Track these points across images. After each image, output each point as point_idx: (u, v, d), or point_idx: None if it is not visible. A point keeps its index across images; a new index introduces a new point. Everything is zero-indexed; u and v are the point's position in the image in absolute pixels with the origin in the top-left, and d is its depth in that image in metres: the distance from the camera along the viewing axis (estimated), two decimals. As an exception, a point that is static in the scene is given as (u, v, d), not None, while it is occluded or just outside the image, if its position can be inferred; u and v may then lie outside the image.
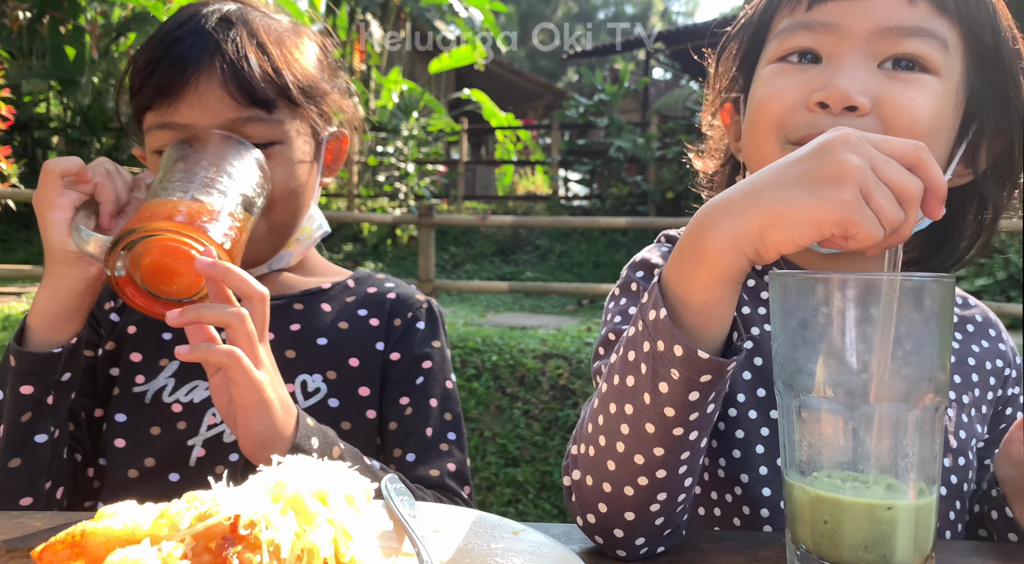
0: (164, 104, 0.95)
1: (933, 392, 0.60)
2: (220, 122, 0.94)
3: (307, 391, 1.01)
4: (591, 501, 0.70)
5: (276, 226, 1.01)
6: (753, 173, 0.90)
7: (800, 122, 0.82)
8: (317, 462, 0.55)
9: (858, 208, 0.57)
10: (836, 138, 0.59)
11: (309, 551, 0.48)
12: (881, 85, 0.79)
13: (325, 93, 1.05)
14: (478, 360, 4.84)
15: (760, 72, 0.88)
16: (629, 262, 0.98)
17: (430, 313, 1.11)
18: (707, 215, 0.64)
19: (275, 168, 0.97)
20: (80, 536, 0.53)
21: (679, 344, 0.63)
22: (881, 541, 0.60)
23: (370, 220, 8.21)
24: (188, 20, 0.99)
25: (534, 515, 3.98)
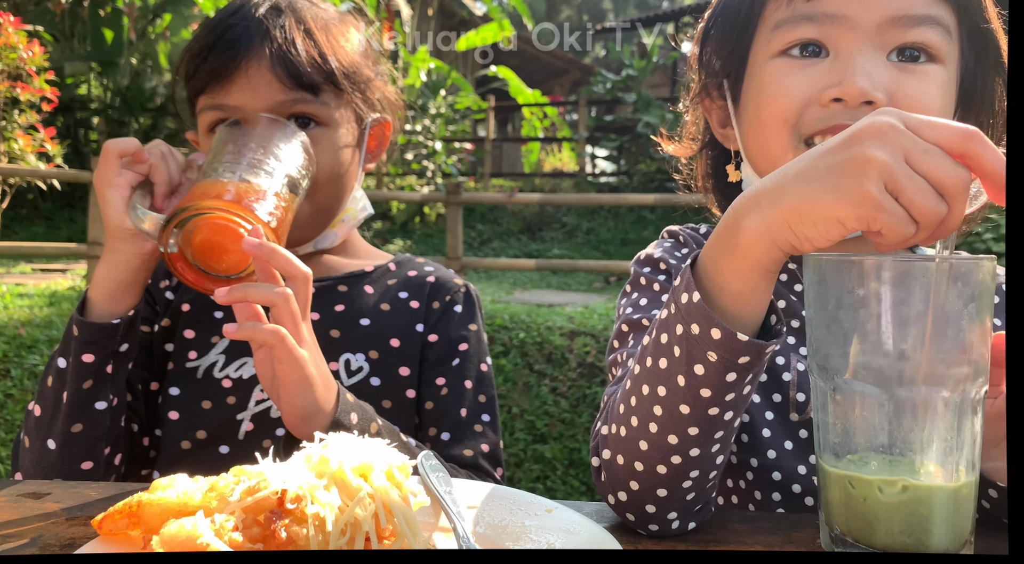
0: (216, 87, 1.00)
1: (972, 375, 0.60)
2: (268, 105, 0.99)
3: (350, 369, 1.05)
4: (623, 480, 0.71)
5: (320, 207, 1.04)
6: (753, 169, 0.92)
7: (813, 117, 0.82)
8: (358, 439, 0.56)
9: (879, 204, 0.54)
10: (868, 127, 0.56)
11: (352, 525, 0.50)
12: (894, 78, 0.80)
13: (369, 80, 1.09)
14: (506, 337, 4.86)
15: (763, 67, 0.87)
16: (634, 259, 1.00)
17: (467, 297, 1.14)
18: (742, 205, 0.64)
19: (320, 150, 1.00)
20: (137, 506, 0.56)
21: (716, 327, 0.63)
22: (918, 525, 0.60)
23: (398, 198, 8.24)
24: (240, 8, 1.04)
25: (562, 491, 4.02)
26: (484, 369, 1.10)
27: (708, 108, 0.99)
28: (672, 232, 1.02)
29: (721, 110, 0.97)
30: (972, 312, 0.59)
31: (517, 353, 4.78)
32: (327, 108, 1.03)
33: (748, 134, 0.91)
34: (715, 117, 0.99)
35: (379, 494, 0.52)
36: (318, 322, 1.05)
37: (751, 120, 0.90)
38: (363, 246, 1.21)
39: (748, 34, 0.90)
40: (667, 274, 0.95)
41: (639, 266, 0.97)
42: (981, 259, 0.59)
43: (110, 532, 0.58)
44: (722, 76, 0.94)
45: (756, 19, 0.89)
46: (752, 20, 0.89)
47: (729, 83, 0.94)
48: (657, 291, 0.93)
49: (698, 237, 1.00)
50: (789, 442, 0.87)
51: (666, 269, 0.95)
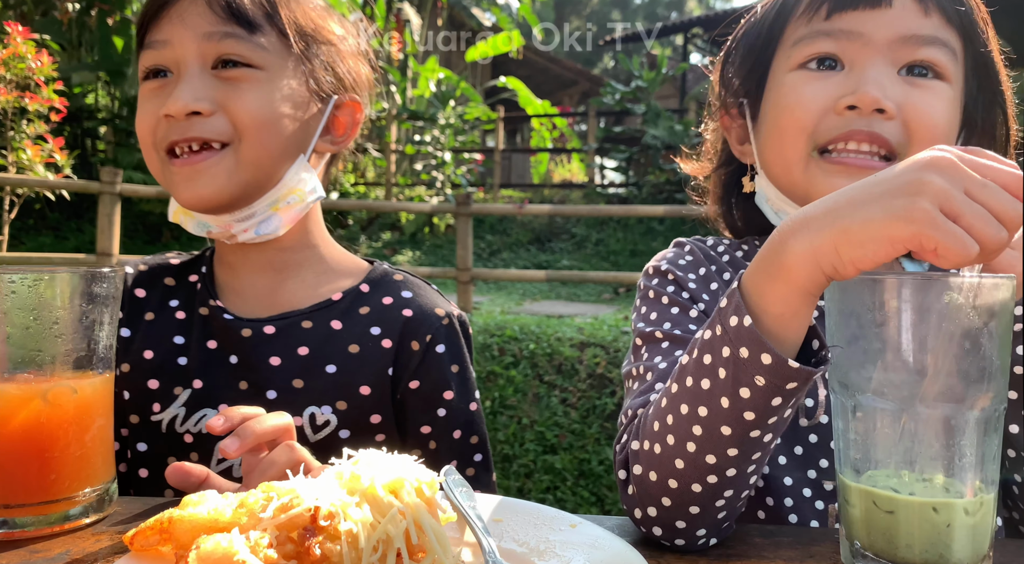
0: (152, 22, 0.97)
1: (992, 393, 0.60)
2: (198, 35, 0.94)
3: (316, 424, 0.96)
4: (654, 496, 0.72)
5: (245, 161, 0.96)
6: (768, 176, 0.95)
7: (829, 125, 0.87)
8: (387, 455, 0.57)
9: (932, 222, 0.56)
10: (925, 159, 0.59)
11: (384, 541, 0.51)
12: (904, 92, 0.85)
13: (328, 42, 1.03)
14: (516, 348, 4.87)
15: (782, 79, 0.91)
16: (643, 272, 1.02)
17: (450, 331, 1.03)
18: (788, 228, 0.64)
19: (248, 91, 0.95)
20: (168, 522, 0.57)
21: (767, 352, 0.64)
22: (937, 540, 0.60)
23: (408, 209, 8.26)
24: None
25: (572, 502, 4.01)
26: (473, 408, 1.03)
27: (728, 126, 1.03)
28: (680, 242, 1.04)
29: (740, 128, 1.01)
30: (992, 330, 0.60)
31: (527, 364, 4.78)
32: (264, 52, 0.96)
33: (766, 144, 0.94)
34: (734, 135, 1.02)
35: (410, 510, 0.53)
36: (279, 368, 0.97)
37: (769, 130, 0.93)
38: (332, 254, 1.08)
39: (768, 53, 0.94)
40: (675, 285, 0.96)
41: (647, 279, 1.00)
42: (1000, 277, 0.60)
43: (142, 548, 0.59)
44: (742, 94, 0.98)
45: (777, 39, 0.93)
46: (773, 40, 0.94)
47: (749, 101, 0.98)
48: (666, 304, 0.94)
49: (705, 249, 1.02)
50: (783, 457, 0.89)
51: (673, 279, 0.97)
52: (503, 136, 13.37)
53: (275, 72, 0.97)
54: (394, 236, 10.79)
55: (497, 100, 13.50)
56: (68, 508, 0.73)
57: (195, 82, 0.94)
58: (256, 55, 0.96)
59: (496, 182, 12.11)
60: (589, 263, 9.60)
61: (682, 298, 0.95)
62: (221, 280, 1.05)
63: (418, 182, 11.11)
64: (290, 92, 0.98)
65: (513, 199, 11.91)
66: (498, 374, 4.72)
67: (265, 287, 1.03)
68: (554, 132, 13.47)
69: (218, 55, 0.95)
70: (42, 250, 8.42)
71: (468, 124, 11.94)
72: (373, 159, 11.38)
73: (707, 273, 0.98)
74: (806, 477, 0.88)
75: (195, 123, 0.93)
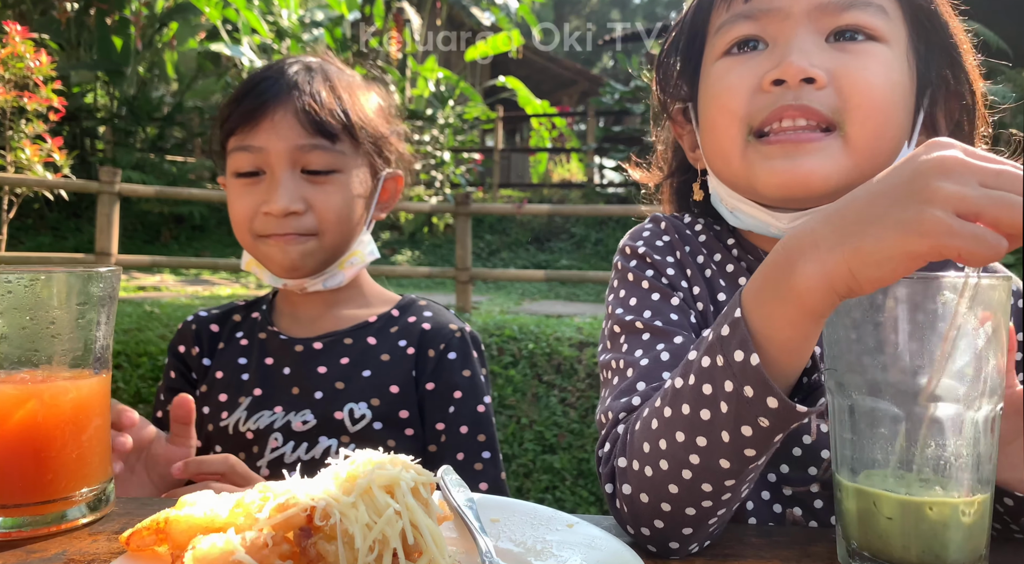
0: (245, 129, 1.15)
1: (988, 394, 0.60)
2: (289, 146, 1.13)
3: (354, 417, 1.14)
4: (646, 517, 0.70)
5: (327, 247, 1.18)
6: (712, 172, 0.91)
7: (759, 105, 0.82)
8: (384, 455, 0.57)
9: (948, 231, 0.52)
10: (928, 160, 0.55)
11: (381, 542, 0.51)
12: (833, 58, 0.80)
13: (384, 136, 1.24)
14: (515, 348, 4.86)
15: (708, 71, 0.88)
16: (619, 248, 0.97)
17: (462, 342, 1.22)
18: (795, 248, 0.60)
19: (333, 194, 1.15)
20: (164, 523, 0.57)
21: (773, 396, 0.61)
22: (934, 540, 0.60)
23: (407, 209, 8.25)
24: (274, 66, 1.21)
25: (571, 501, 4.01)
26: (481, 410, 1.18)
27: (679, 134, 1.00)
28: (656, 219, 1.00)
29: (690, 134, 0.97)
30: (989, 330, 0.60)
31: (526, 364, 4.78)
32: (342, 156, 1.17)
33: (705, 140, 0.90)
34: (687, 141, 0.99)
35: (406, 511, 0.53)
36: (325, 375, 1.17)
37: (704, 125, 0.89)
38: (372, 290, 1.31)
39: (697, 49, 0.91)
40: (654, 269, 0.92)
41: (624, 259, 0.95)
42: (996, 277, 0.60)
43: (138, 548, 0.59)
44: (684, 98, 0.95)
45: (703, 32, 0.90)
46: (698, 35, 0.91)
47: (693, 104, 0.94)
48: (646, 289, 0.91)
49: (681, 227, 0.98)
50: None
51: (651, 263, 0.93)
52: (502, 136, 13.37)
53: (349, 171, 1.18)
54: (393, 235, 10.79)
55: (496, 100, 13.50)
56: (65, 508, 0.73)
57: (290, 186, 1.13)
58: (337, 160, 1.16)
59: (495, 182, 12.11)
60: (588, 263, 9.60)
61: (662, 284, 0.91)
62: (281, 310, 1.28)
63: (417, 182, 11.09)
64: (359, 184, 1.20)
65: (512, 199, 11.91)
66: (497, 374, 4.72)
67: (316, 316, 1.25)
68: (553, 132, 13.47)
69: (307, 164, 1.14)
70: (41, 250, 8.42)
71: (467, 124, 11.93)
72: (372, 159, 11.35)
73: (683, 257, 0.94)
74: (766, 480, 0.86)
75: (290, 220, 1.14)
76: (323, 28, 10.85)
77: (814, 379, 0.67)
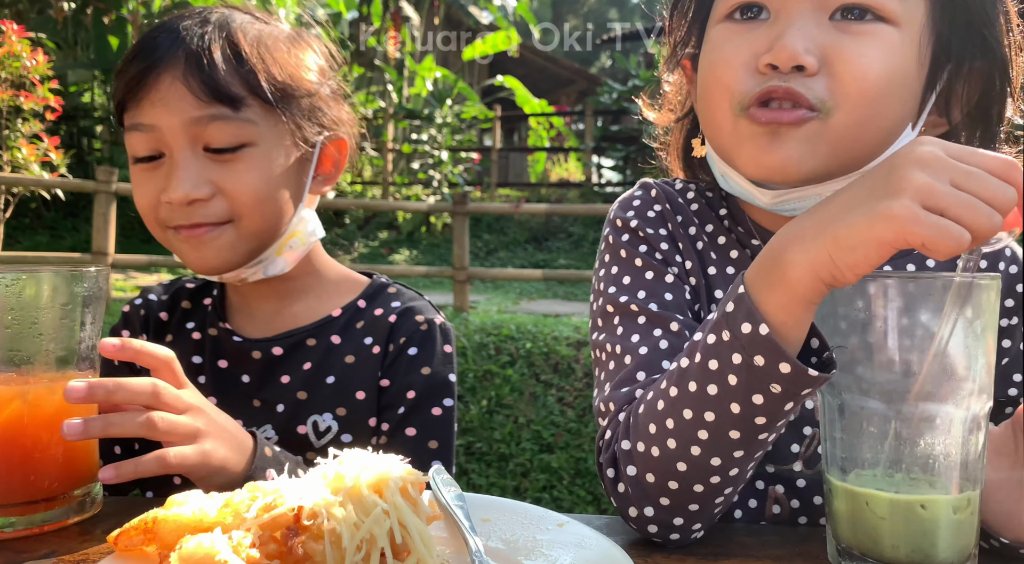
0: (132, 103, 0.96)
1: (977, 393, 0.61)
2: (183, 121, 0.93)
3: (319, 431, 1.02)
4: (652, 496, 0.71)
5: (248, 234, 0.99)
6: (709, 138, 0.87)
7: (749, 85, 0.78)
8: (372, 455, 0.57)
9: (914, 219, 0.55)
10: (909, 155, 0.58)
11: (368, 541, 0.51)
12: (832, 39, 0.75)
13: (312, 96, 1.03)
14: (512, 347, 4.87)
15: (709, 33, 0.84)
16: (609, 220, 0.94)
17: (426, 336, 1.06)
18: (785, 238, 0.64)
19: (245, 172, 0.96)
20: (152, 523, 0.57)
21: (786, 361, 0.63)
22: (923, 539, 0.61)
23: (405, 208, 8.27)
24: (167, 23, 0.99)
25: (569, 501, 4.01)
26: (437, 413, 1.03)
27: (691, 78, 0.94)
28: (646, 185, 0.98)
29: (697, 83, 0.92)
30: (977, 330, 0.60)
31: (524, 363, 4.78)
32: (252, 126, 0.96)
33: (700, 102, 0.87)
34: (695, 90, 0.93)
35: (394, 510, 0.53)
36: (288, 384, 1.04)
37: (700, 90, 0.86)
38: (333, 274, 1.13)
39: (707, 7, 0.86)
40: (647, 244, 0.91)
41: (616, 233, 0.93)
42: (984, 276, 0.60)
43: (126, 548, 0.59)
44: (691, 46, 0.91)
45: None
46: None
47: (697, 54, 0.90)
48: (640, 266, 0.89)
49: (673, 194, 0.96)
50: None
51: (644, 238, 0.91)
52: (500, 135, 13.38)
53: (265, 142, 0.98)
54: (391, 235, 10.79)
55: (494, 99, 13.50)
56: (49, 509, 0.73)
57: (192, 168, 0.94)
58: (245, 132, 0.96)
59: (493, 181, 12.11)
60: (586, 262, 9.60)
61: (656, 260, 0.89)
62: (231, 303, 1.11)
63: (415, 181, 11.11)
64: (281, 156, 1.00)
65: (510, 198, 11.92)
66: (495, 373, 4.72)
67: (272, 311, 1.09)
68: (551, 131, 13.47)
69: (209, 141, 0.95)
70: (38, 249, 8.40)
71: (465, 123, 11.94)
72: (370, 158, 11.37)
73: (674, 228, 0.92)
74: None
75: (196, 209, 0.95)
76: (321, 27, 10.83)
77: (825, 357, 0.67)
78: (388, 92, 11.39)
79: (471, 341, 4.91)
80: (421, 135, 11.02)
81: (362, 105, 11.15)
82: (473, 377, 4.68)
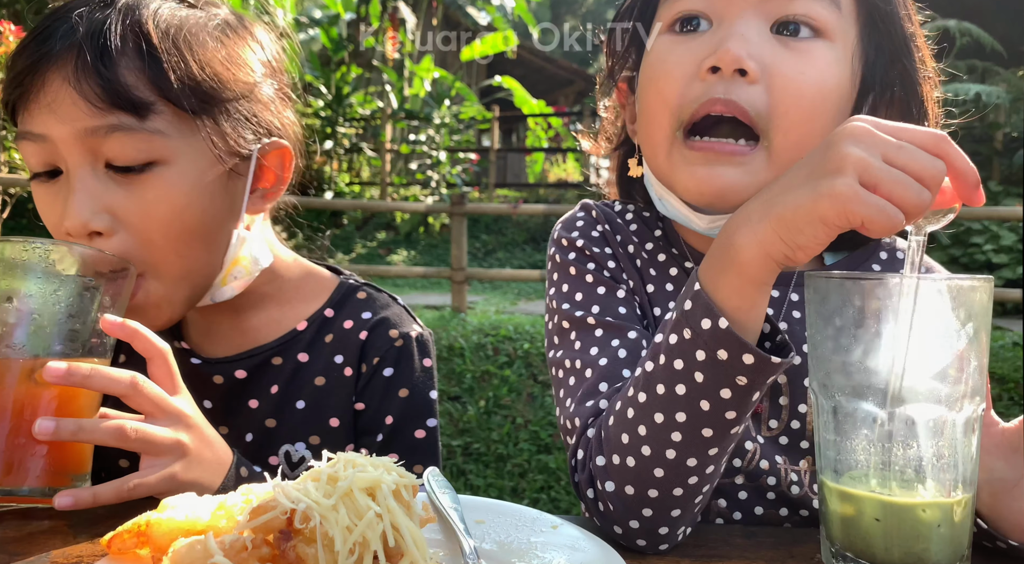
0: (22, 109, 0.80)
1: (970, 395, 0.61)
2: (77, 131, 0.77)
3: (292, 461, 0.95)
4: (634, 509, 0.70)
5: (172, 280, 0.83)
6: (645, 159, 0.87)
7: (691, 96, 0.77)
8: (366, 458, 0.57)
9: (855, 197, 0.56)
10: (843, 130, 0.59)
11: (361, 544, 0.51)
12: (772, 52, 0.76)
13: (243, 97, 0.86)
14: (510, 348, 4.87)
15: (648, 50, 0.84)
16: (554, 239, 0.94)
17: (402, 353, 0.97)
18: (733, 222, 0.65)
19: (152, 199, 0.80)
20: (146, 526, 0.57)
21: (749, 352, 0.64)
22: (916, 541, 0.61)
23: (403, 209, 8.26)
24: (63, 7, 0.82)
25: (566, 501, 4.01)
26: (420, 435, 0.96)
27: (623, 104, 0.95)
28: (587, 206, 0.97)
29: (632, 106, 0.92)
30: (970, 332, 0.60)
31: (521, 364, 4.78)
32: (163, 139, 0.79)
33: (639, 121, 0.86)
34: (628, 113, 0.94)
35: (387, 513, 0.53)
36: (256, 410, 0.95)
37: (640, 105, 0.85)
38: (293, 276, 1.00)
39: (649, 15, 0.86)
40: (595, 262, 0.90)
41: (562, 252, 0.92)
42: (978, 278, 0.60)
43: (119, 551, 0.59)
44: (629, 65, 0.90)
45: (654, 4, 0.85)
46: (651, 5, 0.86)
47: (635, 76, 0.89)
48: (591, 282, 0.88)
49: (611, 213, 0.96)
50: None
51: (591, 256, 0.90)
52: (498, 135, 13.38)
53: (181, 159, 0.81)
54: (389, 236, 10.79)
55: (492, 99, 13.50)
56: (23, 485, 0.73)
57: (89, 191, 0.78)
58: (153, 146, 0.79)
59: (491, 182, 12.11)
60: (584, 263, 9.60)
61: (605, 277, 0.89)
62: (187, 318, 0.99)
63: (413, 181, 11.10)
64: (201, 174, 0.82)
65: (508, 199, 11.91)
66: (492, 374, 4.72)
67: (230, 326, 0.98)
68: (549, 132, 13.47)
69: (110, 157, 0.79)
70: (35, 250, 8.38)
71: (463, 123, 11.94)
72: (368, 158, 11.38)
73: (615, 247, 0.92)
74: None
75: (99, 243, 0.79)
76: (319, 28, 10.84)
77: (779, 340, 0.69)
78: (386, 93, 11.39)
79: (469, 341, 4.91)
80: (419, 136, 11.03)
81: (360, 106, 11.16)
82: (471, 378, 4.69)
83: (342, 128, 10.54)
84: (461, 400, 4.56)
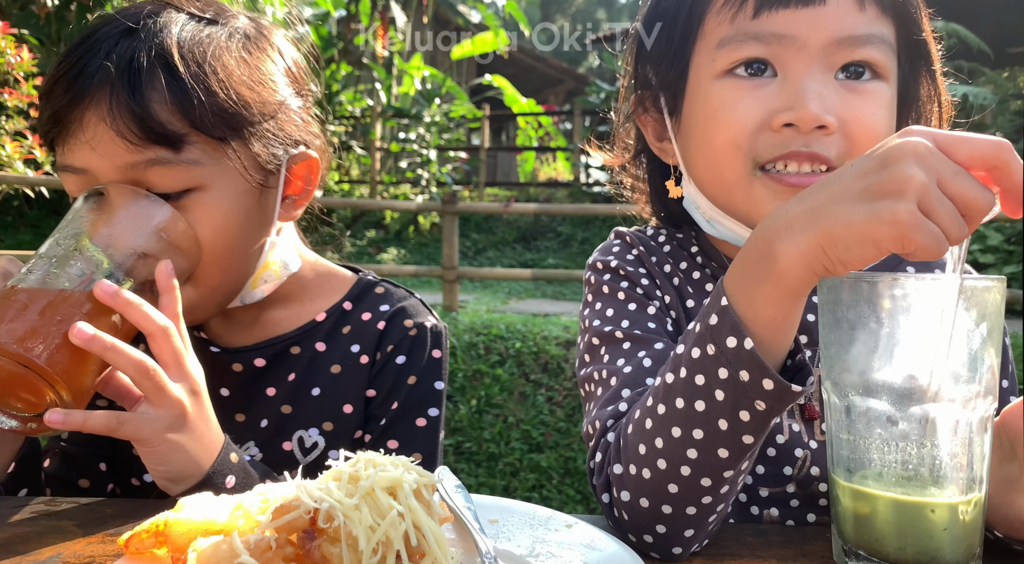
0: (60, 142, 0.84)
1: (983, 394, 0.61)
2: (117, 166, 0.81)
3: (305, 447, 0.97)
4: (648, 523, 0.70)
5: (208, 291, 0.87)
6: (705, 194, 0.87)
7: (769, 143, 0.80)
8: (385, 457, 0.57)
9: (915, 225, 0.54)
10: (905, 147, 0.56)
11: (384, 543, 0.51)
12: (843, 101, 0.79)
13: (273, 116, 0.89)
14: (501, 347, 4.87)
15: (709, 87, 0.83)
16: (589, 264, 0.97)
17: (415, 342, 0.99)
18: (772, 230, 0.62)
19: (195, 221, 0.83)
20: (164, 526, 0.56)
21: (769, 378, 0.63)
22: (928, 539, 0.61)
23: (393, 207, 8.25)
24: (89, 37, 0.84)
25: (558, 500, 4.02)
26: (421, 424, 0.97)
27: (643, 121, 0.95)
28: (620, 234, 0.99)
29: (657, 123, 0.93)
30: (983, 332, 0.61)
31: (513, 363, 4.79)
32: (198, 168, 0.83)
33: (697, 158, 0.87)
34: (651, 130, 0.95)
35: (409, 513, 0.53)
36: (272, 398, 0.98)
37: (699, 144, 0.86)
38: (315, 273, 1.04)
39: (687, 48, 0.86)
40: (628, 281, 0.92)
41: (597, 274, 0.94)
42: (990, 278, 0.61)
43: (137, 551, 0.59)
44: (659, 89, 0.91)
45: (695, 31, 0.85)
46: (690, 34, 0.86)
47: (667, 98, 0.90)
48: (622, 300, 0.90)
49: (646, 239, 0.98)
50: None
51: (624, 275, 0.92)
52: (488, 134, 13.37)
53: (218, 183, 0.84)
54: (379, 234, 10.76)
55: (482, 98, 13.49)
56: None
57: None
58: (191, 175, 0.82)
59: (482, 180, 12.11)
60: (575, 262, 9.62)
61: (637, 294, 0.90)
62: None
63: (403, 180, 11.08)
64: (238, 194, 0.86)
65: (499, 198, 11.92)
66: (484, 373, 4.72)
67: (251, 318, 1.01)
68: (539, 131, 13.48)
69: (150, 186, 0.82)
70: (21, 247, 8.32)
71: (453, 122, 11.92)
72: (357, 156, 11.34)
73: (651, 268, 0.94)
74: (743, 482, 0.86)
75: None
76: (309, 25, 10.80)
77: (798, 360, 0.68)
78: (376, 90, 11.36)
79: (460, 341, 4.91)
80: (409, 134, 11.00)
81: (350, 103, 11.12)
82: (462, 377, 4.68)
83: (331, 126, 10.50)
84: (452, 399, 4.56)
